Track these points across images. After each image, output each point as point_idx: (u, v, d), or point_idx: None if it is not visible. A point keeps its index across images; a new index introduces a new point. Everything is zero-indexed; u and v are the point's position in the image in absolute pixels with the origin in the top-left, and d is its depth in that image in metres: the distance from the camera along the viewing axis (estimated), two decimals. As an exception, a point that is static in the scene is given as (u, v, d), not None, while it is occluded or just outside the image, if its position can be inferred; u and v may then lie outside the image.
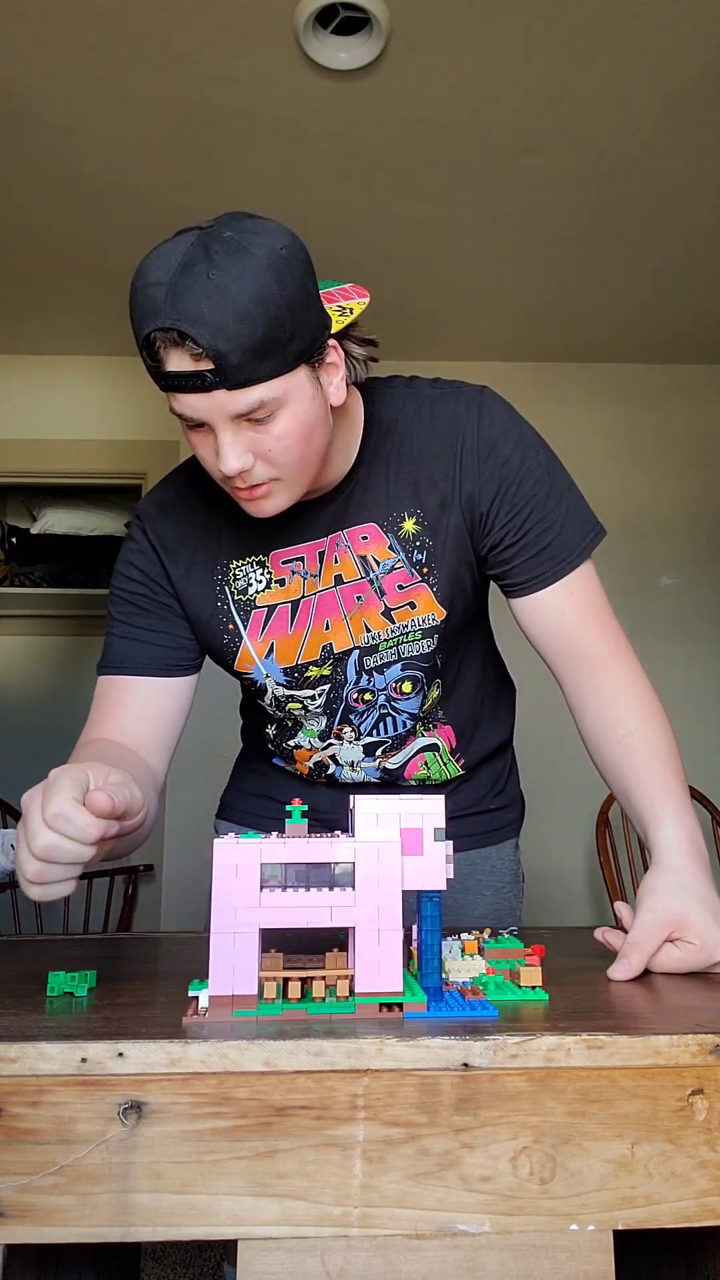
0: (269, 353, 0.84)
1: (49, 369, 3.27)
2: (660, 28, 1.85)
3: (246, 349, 0.82)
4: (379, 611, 1.04)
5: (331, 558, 1.04)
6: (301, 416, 0.89)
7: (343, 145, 2.21)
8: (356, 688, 1.08)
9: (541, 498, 1.03)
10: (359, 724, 1.10)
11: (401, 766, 1.15)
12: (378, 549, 1.04)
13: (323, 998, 0.70)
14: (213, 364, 0.82)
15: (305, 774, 1.19)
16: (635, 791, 0.97)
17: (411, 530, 1.03)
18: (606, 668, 1.03)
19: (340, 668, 1.07)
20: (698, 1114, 0.64)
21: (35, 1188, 0.61)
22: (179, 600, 1.08)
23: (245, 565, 1.06)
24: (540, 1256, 0.62)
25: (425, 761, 1.16)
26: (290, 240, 0.87)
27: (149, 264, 0.84)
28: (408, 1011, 0.69)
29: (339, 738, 1.12)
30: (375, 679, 1.07)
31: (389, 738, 1.12)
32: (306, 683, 1.08)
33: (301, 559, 1.05)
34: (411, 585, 1.04)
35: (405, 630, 1.05)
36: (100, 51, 1.90)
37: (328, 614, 1.05)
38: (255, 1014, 0.68)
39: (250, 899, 0.69)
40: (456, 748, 1.18)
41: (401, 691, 1.08)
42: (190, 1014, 0.68)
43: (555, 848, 3.03)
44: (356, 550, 1.04)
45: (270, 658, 1.07)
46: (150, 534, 1.09)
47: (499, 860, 1.26)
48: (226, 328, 0.81)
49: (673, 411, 3.32)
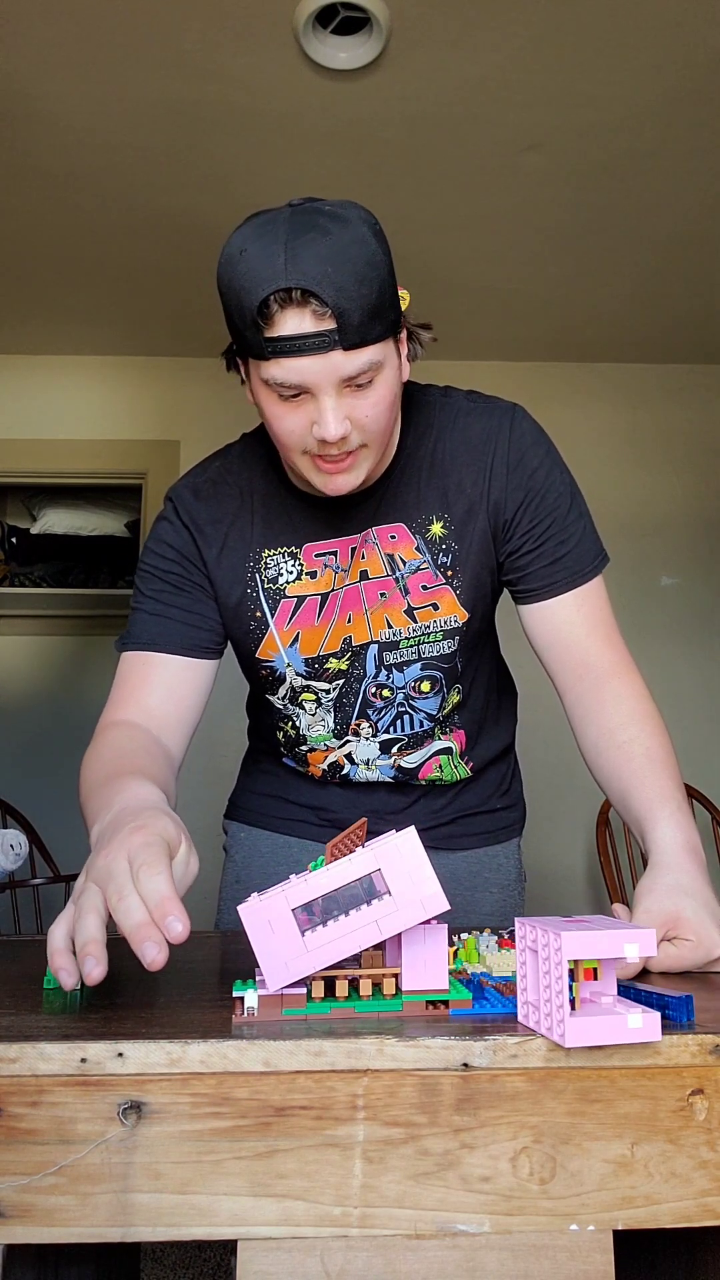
0: (379, 315, 0.87)
1: (49, 369, 3.27)
2: (660, 27, 1.85)
3: (364, 309, 0.85)
4: (402, 610, 1.06)
5: (360, 554, 1.06)
6: (391, 385, 0.92)
7: (343, 145, 2.21)
8: (375, 682, 1.09)
9: (562, 513, 1.07)
10: (376, 720, 1.10)
11: (417, 767, 1.15)
12: (405, 549, 1.06)
13: (370, 996, 0.70)
14: (335, 323, 0.84)
15: (318, 775, 1.18)
16: (633, 794, 0.98)
17: (439, 533, 1.06)
18: (610, 681, 1.05)
19: (359, 662, 1.08)
20: (698, 1114, 0.64)
21: (35, 1188, 0.61)
22: (210, 582, 1.08)
23: (277, 555, 1.07)
24: (540, 1256, 0.62)
25: (440, 765, 1.16)
26: (373, 216, 0.90)
27: (247, 236, 0.86)
28: (454, 1009, 0.69)
29: (356, 734, 1.11)
30: (395, 676, 1.09)
31: (406, 736, 1.12)
32: (325, 675, 1.09)
33: (334, 553, 1.07)
34: (436, 587, 1.06)
35: (427, 630, 1.07)
36: (100, 51, 1.90)
37: (351, 608, 1.07)
38: (304, 1012, 0.68)
39: (295, 948, 0.68)
40: (466, 750, 1.18)
41: (420, 691, 1.09)
42: (238, 1015, 0.68)
43: (555, 848, 3.03)
44: (384, 548, 1.06)
45: (294, 647, 1.08)
46: (184, 514, 1.09)
47: (504, 859, 1.27)
48: (348, 288, 0.84)
49: (673, 411, 3.32)
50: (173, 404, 3.27)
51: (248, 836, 1.27)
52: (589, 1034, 0.61)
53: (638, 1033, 0.62)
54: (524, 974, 0.67)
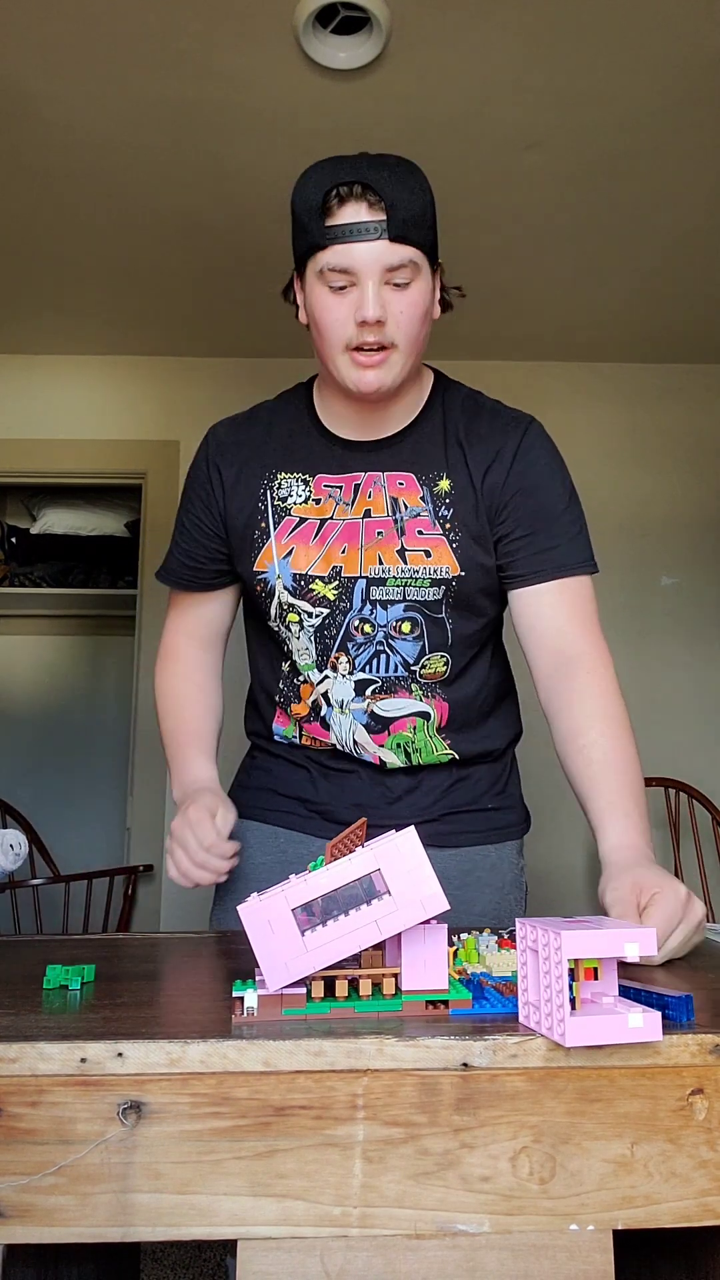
0: (421, 225, 1.05)
1: (49, 369, 3.27)
2: (659, 26, 1.85)
3: (412, 212, 1.04)
4: (395, 549, 1.13)
5: (366, 492, 1.15)
6: (424, 298, 1.08)
7: (342, 145, 2.19)
8: (359, 616, 1.15)
9: (556, 512, 1.15)
10: (355, 655, 1.16)
11: (390, 719, 1.17)
12: (410, 496, 1.15)
13: (369, 996, 0.70)
14: (385, 215, 1.02)
15: (304, 714, 1.21)
16: (589, 800, 1.05)
17: (444, 489, 1.15)
18: (581, 675, 1.11)
19: (346, 594, 1.15)
20: (697, 1114, 0.64)
21: (35, 1188, 0.61)
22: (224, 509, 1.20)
23: (291, 478, 1.18)
24: (540, 1256, 0.62)
25: (415, 725, 1.18)
26: None
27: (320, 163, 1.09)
28: (454, 1009, 0.69)
29: (334, 668, 1.17)
30: (378, 612, 1.15)
31: (379, 678, 1.16)
32: (310, 597, 1.16)
33: (342, 486, 1.17)
34: (432, 535, 1.14)
35: (415, 574, 1.13)
36: (100, 50, 1.90)
37: (347, 540, 1.15)
38: (304, 1012, 0.68)
39: (295, 948, 0.68)
40: (447, 727, 1.20)
41: (400, 631, 1.15)
42: (237, 1014, 0.68)
43: (555, 848, 3.03)
44: (390, 491, 1.15)
45: (286, 560, 1.16)
46: (212, 447, 1.23)
47: (499, 859, 1.26)
48: (400, 192, 1.03)
49: (673, 411, 3.32)
50: (173, 404, 3.27)
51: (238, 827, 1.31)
52: (589, 1033, 0.61)
53: (638, 1032, 0.62)
54: (524, 974, 0.67)
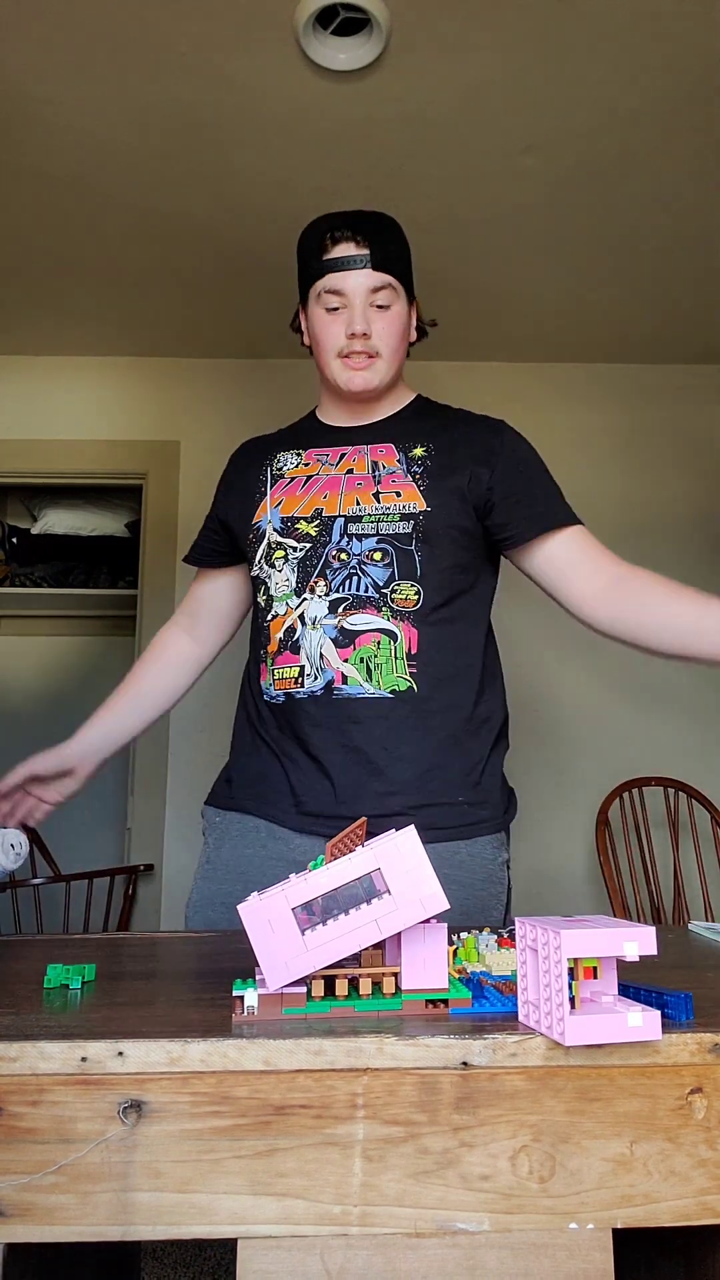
0: (399, 261, 1.34)
1: (49, 369, 3.27)
2: (658, 28, 1.85)
3: (390, 250, 1.33)
4: (370, 493, 1.32)
5: (351, 458, 1.37)
6: (401, 319, 1.35)
7: (342, 146, 2.21)
8: (337, 547, 1.30)
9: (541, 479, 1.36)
10: (331, 579, 1.29)
11: (357, 632, 1.26)
12: (387, 460, 1.36)
13: (369, 995, 0.70)
14: (369, 250, 1.31)
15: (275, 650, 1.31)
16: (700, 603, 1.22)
17: (419, 454, 1.35)
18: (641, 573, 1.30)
19: (326, 531, 1.31)
20: (697, 1113, 0.64)
21: (35, 1187, 0.61)
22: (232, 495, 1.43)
23: (287, 454, 1.42)
24: (539, 1255, 0.62)
25: (379, 642, 1.25)
26: None
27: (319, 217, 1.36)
28: (454, 1008, 0.69)
29: (312, 591, 1.30)
30: (354, 544, 1.30)
31: (351, 596, 1.28)
32: (295, 534, 1.33)
33: (328, 454, 1.39)
34: (402, 482, 1.33)
35: (387, 511, 1.30)
36: (100, 52, 1.91)
37: (328, 489, 1.35)
38: (304, 1011, 0.68)
39: (295, 947, 0.68)
40: (415, 656, 1.25)
41: (373, 559, 1.29)
42: (237, 1013, 0.68)
43: (555, 848, 3.03)
44: (372, 457, 1.36)
45: (277, 508, 1.36)
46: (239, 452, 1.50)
47: (468, 856, 1.25)
48: (379, 234, 1.33)
49: (673, 411, 3.32)
50: (173, 404, 3.27)
51: (222, 820, 1.35)
52: (589, 1032, 0.61)
53: (637, 1031, 0.62)
54: (524, 973, 0.67)
